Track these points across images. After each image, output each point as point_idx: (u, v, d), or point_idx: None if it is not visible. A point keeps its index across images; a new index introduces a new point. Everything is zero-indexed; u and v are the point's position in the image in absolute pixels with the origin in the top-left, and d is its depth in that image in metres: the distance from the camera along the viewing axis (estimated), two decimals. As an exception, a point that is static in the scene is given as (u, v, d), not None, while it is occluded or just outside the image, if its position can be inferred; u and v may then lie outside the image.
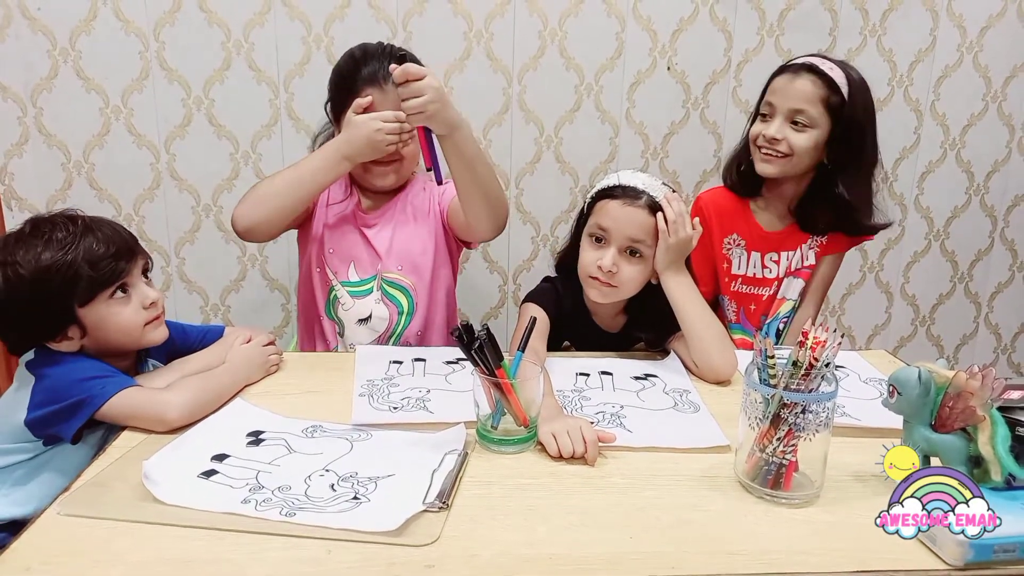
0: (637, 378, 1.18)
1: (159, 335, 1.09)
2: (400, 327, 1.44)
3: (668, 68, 1.96)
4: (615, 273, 1.18)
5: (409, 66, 1.13)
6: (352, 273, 1.42)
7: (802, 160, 1.37)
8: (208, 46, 1.80)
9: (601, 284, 1.20)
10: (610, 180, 1.23)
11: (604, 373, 1.19)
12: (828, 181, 1.39)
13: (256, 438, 0.94)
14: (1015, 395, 0.90)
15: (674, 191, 1.23)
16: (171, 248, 1.94)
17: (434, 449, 0.91)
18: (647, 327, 1.29)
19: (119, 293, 1.04)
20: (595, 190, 1.25)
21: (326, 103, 1.42)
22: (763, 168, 1.40)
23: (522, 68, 1.92)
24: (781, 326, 1.50)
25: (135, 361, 1.13)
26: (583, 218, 1.26)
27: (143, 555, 0.72)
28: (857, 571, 0.73)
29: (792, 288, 1.49)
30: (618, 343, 1.32)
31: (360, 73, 1.34)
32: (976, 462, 0.81)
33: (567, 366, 1.21)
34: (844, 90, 1.34)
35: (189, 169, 1.89)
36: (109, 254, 1.03)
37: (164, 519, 0.77)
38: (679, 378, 1.18)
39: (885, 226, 1.48)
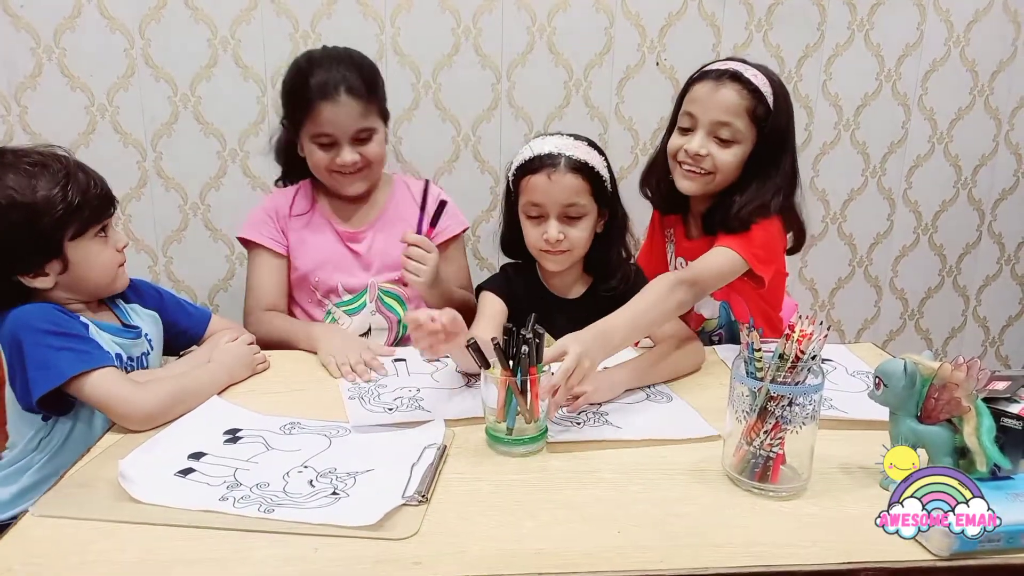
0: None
1: (124, 281, 1.11)
2: (399, 335, 1.45)
3: (657, 63, 1.96)
4: (563, 240, 1.21)
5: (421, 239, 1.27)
6: (343, 292, 1.43)
7: (726, 178, 1.26)
8: (194, 43, 1.79)
9: (553, 254, 1.23)
10: (524, 154, 1.23)
11: None
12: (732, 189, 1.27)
13: (233, 436, 0.94)
14: (1000, 386, 0.90)
15: (591, 143, 1.24)
16: (158, 247, 1.93)
17: (413, 444, 0.91)
18: (608, 279, 1.28)
19: (102, 233, 1.05)
20: (513, 167, 1.26)
21: (283, 118, 1.44)
22: (684, 185, 1.28)
23: (511, 64, 1.91)
24: (716, 339, 1.42)
25: (107, 304, 1.13)
26: (511, 196, 1.28)
27: (127, 555, 0.72)
28: (844, 563, 0.73)
29: (706, 307, 1.40)
30: (579, 308, 1.31)
31: (310, 85, 1.33)
32: (962, 453, 0.81)
33: None
34: (769, 100, 1.23)
35: (176, 167, 1.87)
36: (102, 193, 1.04)
37: (141, 518, 0.76)
38: None
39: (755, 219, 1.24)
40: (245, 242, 1.46)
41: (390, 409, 1.05)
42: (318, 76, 1.33)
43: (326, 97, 1.32)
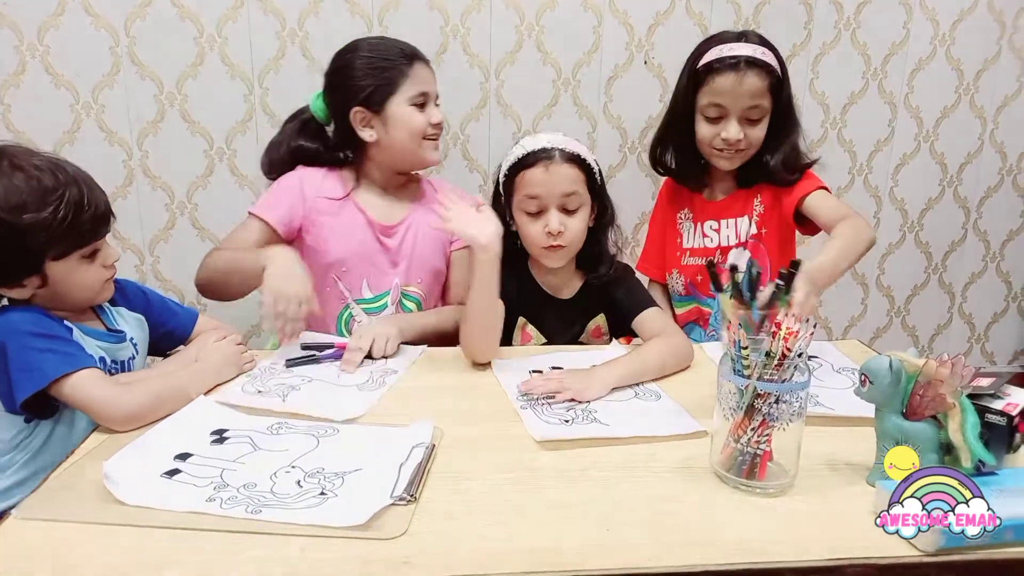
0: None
1: (108, 294, 1.09)
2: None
3: (645, 62, 1.97)
4: (563, 232, 1.23)
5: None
6: (365, 290, 1.40)
7: (759, 146, 1.39)
8: (180, 41, 1.78)
9: (554, 249, 1.25)
10: (516, 152, 1.26)
11: (555, 368, 1.18)
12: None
13: (220, 436, 0.93)
14: (984, 382, 0.91)
15: (577, 140, 1.27)
16: (145, 247, 1.91)
17: (401, 443, 0.90)
18: (599, 267, 1.31)
19: (89, 254, 1.03)
20: (506, 166, 1.28)
21: (357, 98, 1.34)
22: (724, 164, 1.40)
23: (499, 63, 1.91)
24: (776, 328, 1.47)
25: (93, 308, 1.11)
26: (502, 198, 1.29)
27: (114, 557, 0.71)
28: (831, 559, 0.73)
29: (741, 260, 1.46)
30: (571, 307, 1.34)
31: (402, 51, 1.35)
32: (947, 449, 0.82)
33: (518, 366, 1.20)
34: (779, 71, 1.35)
35: (162, 166, 1.86)
36: (97, 215, 1.01)
37: (126, 520, 0.75)
38: None
39: (810, 163, 1.41)
40: (250, 215, 1.40)
41: (260, 392, 1.07)
42: (398, 44, 1.38)
43: (420, 58, 1.37)
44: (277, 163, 1.45)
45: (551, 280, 1.33)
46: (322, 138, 1.44)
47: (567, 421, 1.00)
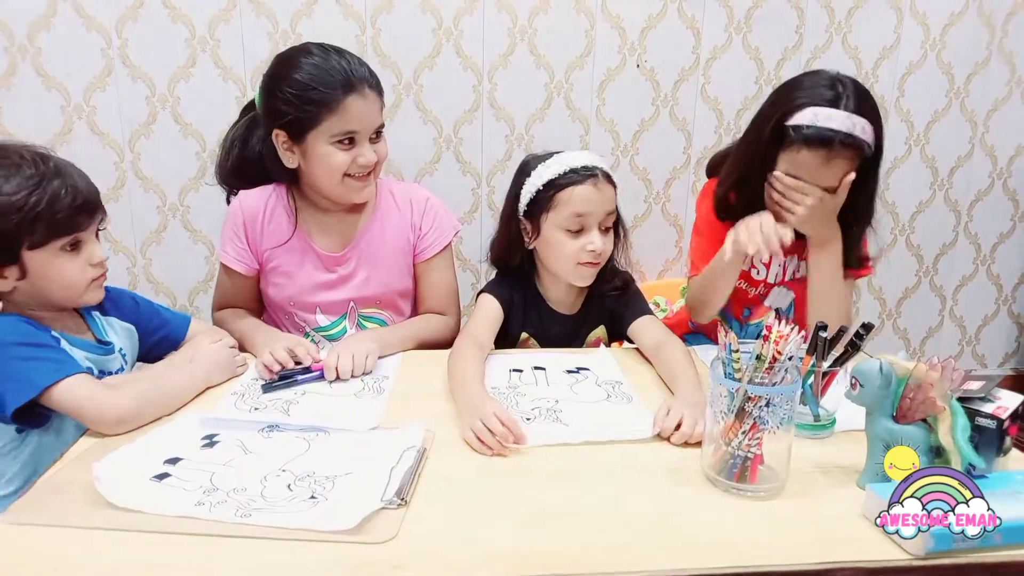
0: (570, 371, 1.18)
1: (96, 296, 1.07)
2: None
3: (637, 66, 1.97)
4: (602, 252, 1.22)
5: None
6: (320, 318, 1.36)
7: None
8: (172, 43, 1.77)
9: (591, 267, 1.23)
10: (556, 168, 1.21)
11: (537, 368, 1.19)
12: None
13: (210, 440, 0.93)
14: (975, 386, 0.91)
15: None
16: (137, 249, 1.91)
17: (392, 446, 0.90)
18: (611, 279, 1.30)
19: (70, 246, 1.01)
20: (543, 180, 1.22)
21: (278, 120, 1.22)
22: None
23: (492, 66, 1.91)
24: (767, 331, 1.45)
25: (82, 316, 1.10)
26: (523, 212, 1.25)
27: (103, 562, 0.71)
28: (821, 562, 0.73)
29: (780, 299, 1.42)
30: (573, 322, 1.33)
31: (333, 78, 1.19)
32: (937, 452, 0.82)
33: (501, 363, 1.20)
34: (871, 148, 1.19)
35: (154, 168, 1.86)
36: (75, 204, 1.00)
37: (115, 524, 0.75)
38: (611, 370, 1.19)
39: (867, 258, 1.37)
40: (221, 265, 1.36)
41: (256, 408, 1.04)
42: (338, 67, 1.20)
43: (353, 90, 1.19)
44: (227, 172, 1.37)
45: (558, 296, 1.31)
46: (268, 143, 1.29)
47: (528, 419, 1.00)
